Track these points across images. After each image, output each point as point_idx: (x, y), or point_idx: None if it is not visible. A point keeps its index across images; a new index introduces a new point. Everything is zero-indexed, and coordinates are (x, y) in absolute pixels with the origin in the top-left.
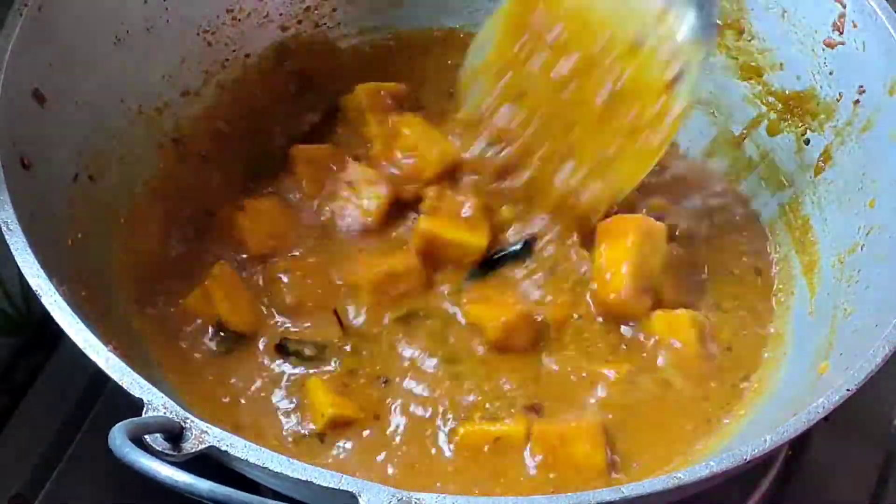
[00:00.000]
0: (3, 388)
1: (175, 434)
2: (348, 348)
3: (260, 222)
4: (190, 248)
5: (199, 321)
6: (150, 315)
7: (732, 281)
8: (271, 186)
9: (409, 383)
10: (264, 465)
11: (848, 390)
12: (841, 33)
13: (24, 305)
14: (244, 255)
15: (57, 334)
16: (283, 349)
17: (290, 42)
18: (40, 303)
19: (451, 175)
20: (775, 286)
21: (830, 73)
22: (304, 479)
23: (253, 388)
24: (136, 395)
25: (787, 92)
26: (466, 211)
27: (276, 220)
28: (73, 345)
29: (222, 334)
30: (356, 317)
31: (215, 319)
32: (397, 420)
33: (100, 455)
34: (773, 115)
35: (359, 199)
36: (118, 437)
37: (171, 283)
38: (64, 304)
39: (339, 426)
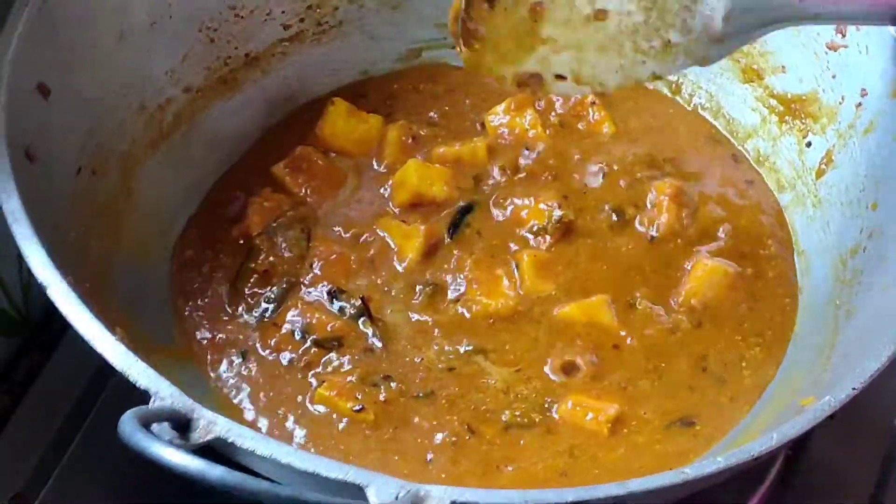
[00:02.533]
0: (3, 388)
1: (182, 424)
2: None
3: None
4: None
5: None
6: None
7: None
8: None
9: None
10: (272, 456)
11: (854, 388)
12: (843, 36)
13: (24, 305)
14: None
15: (57, 334)
16: None
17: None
18: (40, 302)
19: None
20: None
21: (833, 77)
22: (311, 470)
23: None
24: (143, 386)
25: (788, 95)
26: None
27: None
28: (74, 345)
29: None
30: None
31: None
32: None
33: (100, 455)
34: (774, 118)
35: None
36: (128, 424)
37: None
38: (71, 295)
39: None
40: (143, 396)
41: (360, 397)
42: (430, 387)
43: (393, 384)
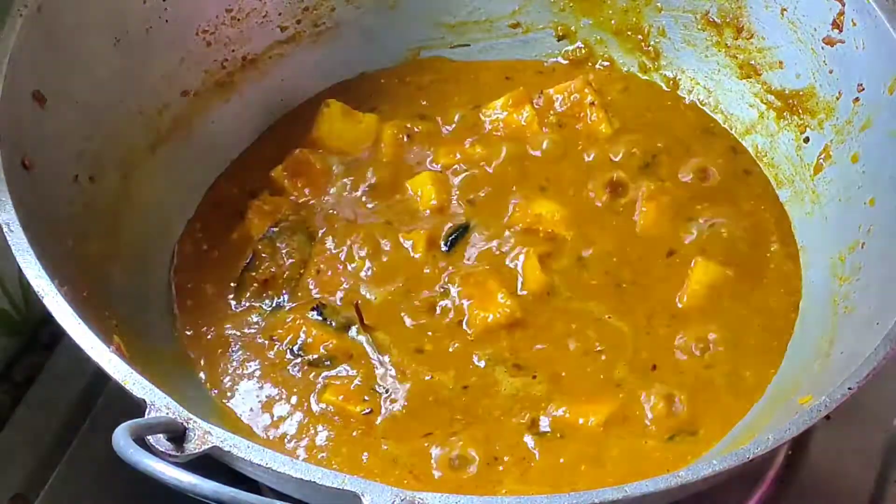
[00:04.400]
0: (3, 388)
1: (178, 434)
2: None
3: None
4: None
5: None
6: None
7: None
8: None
9: None
10: (267, 466)
11: (850, 388)
12: (840, 31)
13: (24, 305)
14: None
15: (57, 334)
16: None
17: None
18: (40, 303)
19: None
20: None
21: (830, 72)
22: (307, 478)
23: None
24: (139, 396)
25: (786, 90)
26: None
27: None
28: (73, 345)
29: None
30: None
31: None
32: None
33: (100, 455)
34: (772, 114)
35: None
36: (122, 439)
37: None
38: (66, 306)
39: None
40: (143, 401)
41: (367, 400)
42: (433, 392)
43: (395, 390)
